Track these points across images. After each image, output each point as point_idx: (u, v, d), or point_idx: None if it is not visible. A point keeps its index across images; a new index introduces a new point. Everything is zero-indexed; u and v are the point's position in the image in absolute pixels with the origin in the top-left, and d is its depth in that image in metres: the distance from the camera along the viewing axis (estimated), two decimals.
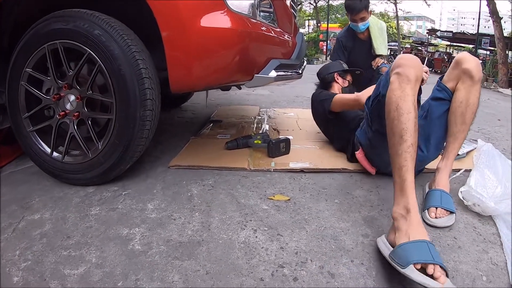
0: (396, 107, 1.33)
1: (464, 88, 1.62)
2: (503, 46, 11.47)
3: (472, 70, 1.60)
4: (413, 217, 1.18)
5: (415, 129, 1.30)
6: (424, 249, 1.06)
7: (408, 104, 1.32)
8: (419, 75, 1.39)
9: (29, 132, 1.74)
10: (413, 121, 1.30)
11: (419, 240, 1.09)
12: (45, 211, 1.46)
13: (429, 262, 1.01)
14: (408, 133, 1.28)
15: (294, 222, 1.41)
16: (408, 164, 1.26)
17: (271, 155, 2.12)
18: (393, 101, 1.35)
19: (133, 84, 1.52)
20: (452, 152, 1.66)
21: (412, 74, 1.37)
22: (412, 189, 1.24)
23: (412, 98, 1.34)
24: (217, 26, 1.56)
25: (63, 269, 1.11)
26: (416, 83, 1.38)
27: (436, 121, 1.71)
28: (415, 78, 1.37)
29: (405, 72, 1.37)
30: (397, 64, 1.43)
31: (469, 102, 1.62)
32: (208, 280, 1.07)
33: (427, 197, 1.57)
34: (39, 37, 1.63)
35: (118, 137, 1.58)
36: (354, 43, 3.43)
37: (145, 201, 1.56)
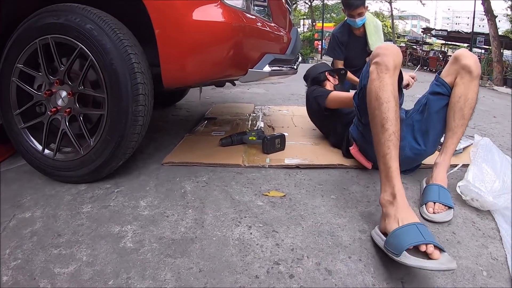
0: (376, 97, 1.35)
1: (463, 83, 1.63)
2: (497, 45, 11.53)
3: (471, 65, 1.61)
4: (400, 201, 1.20)
5: (396, 117, 1.31)
6: (414, 231, 1.07)
7: (387, 93, 1.33)
8: (398, 62, 1.39)
9: (20, 129, 1.71)
10: (393, 110, 1.31)
11: (408, 224, 1.11)
12: (36, 209, 1.44)
13: (421, 243, 1.02)
14: (389, 122, 1.30)
15: (289, 218, 1.39)
16: (392, 152, 1.28)
17: (266, 151, 2.10)
18: (373, 91, 1.37)
19: (125, 79, 1.49)
20: (450, 147, 1.65)
21: (391, 62, 1.37)
22: (398, 175, 1.26)
23: (391, 87, 1.34)
24: (211, 19, 1.54)
25: (53, 267, 1.09)
26: (395, 71, 1.38)
27: (435, 116, 1.71)
28: (394, 66, 1.37)
29: (383, 61, 1.38)
30: (375, 53, 1.44)
31: (468, 97, 1.62)
32: (202, 278, 1.05)
33: (424, 192, 1.56)
34: (31, 32, 1.60)
35: (110, 133, 1.56)
36: (349, 39, 3.42)
37: (137, 198, 1.53)
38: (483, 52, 17.07)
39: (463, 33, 19.02)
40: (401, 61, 1.42)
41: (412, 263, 0.99)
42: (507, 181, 1.51)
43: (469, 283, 1.07)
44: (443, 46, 24.02)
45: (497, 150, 1.67)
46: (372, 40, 3.37)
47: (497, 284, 1.07)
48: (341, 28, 3.48)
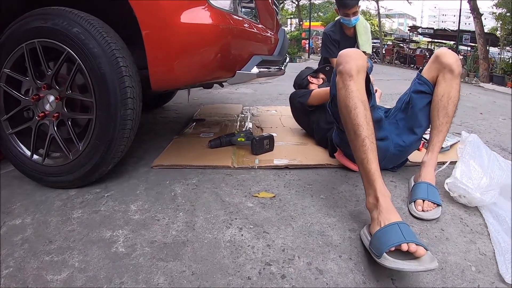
0: (344, 106, 1.37)
1: (445, 81, 1.66)
2: (483, 42, 11.66)
3: (452, 64, 1.64)
4: (382, 203, 1.21)
5: (366, 121, 1.32)
6: (395, 231, 1.09)
7: (353, 100, 1.34)
8: (361, 66, 1.39)
9: (8, 135, 1.69)
10: (362, 115, 1.32)
11: (389, 224, 1.12)
12: (27, 216, 1.42)
13: (401, 243, 1.03)
14: (360, 128, 1.31)
15: (280, 219, 1.40)
16: (368, 156, 1.29)
17: (255, 152, 2.11)
18: (341, 100, 1.39)
19: (113, 83, 1.49)
20: (436, 145, 1.68)
21: (353, 68, 1.37)
22: (378, 178, 1.28)
23: (356, 93, 1.35)
24: (198, 22, 1.54)
25: (46, 274, 1.08)
26: (359, 76, 1.38)
27: (418, 113, 1.73)
28: (357, 71, 1.37)
29: (345, 69, 1.38)
30: (338, 62, 1.44)
31: (451, 95, 1.65)
32: (194, 281, 1.05)
33: (413, 190, 1.58)
34: (17, 36, 1.59)
35: (99, 138, 1.55)
36: (341, 38, 3.45)
37: (128, 202, 1.53)
38: (469, 49, 17.26)
39: (449, 31, 19.23)
40: (364, 64, 1.41)
41: (391, 265, 1.01)
42: (494, 177, 1.53)
43: (458, 278, 1.08)
44: (430, 44, 24.21)
45: (485, 147, 1.70)
46: (362, 40, 3.40)
47: (486, 279, 1.08)
48: (333, 27, 3.50)
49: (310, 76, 2.65)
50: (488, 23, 15.01)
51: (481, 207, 1.51)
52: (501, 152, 2.44)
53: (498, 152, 2.37)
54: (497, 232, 1.32)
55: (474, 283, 1.07)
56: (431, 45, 23.93)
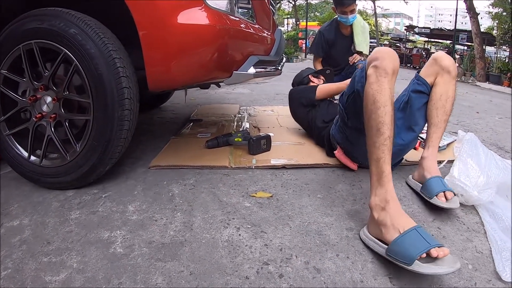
0: (373, 101, 1.34)
1: (443, 82, 1.70)
2: (480, 42, 11.70)
3: (450, 66, 1.71)
4: (393, 207, 1.20)
5: (391, 122, 1.31)
6: (417, 237, 1.08)
7: (385, 97, 1.33)
8: (396, 68, 1.39)
9: (5, 136, 1.69)
10: (390, 114, 1.31)
11: (408, 231, 1.11)
12: (24, 217, 1.42)
13: (430, 248, 1.03)
14: (385, 126, 1.30)
15: (277, 219, 1.41)
16: (386, 156, 1.28)
17: (252, 152, 2.11)
18: (370, 94, 1.36)
19: (111, 84, 1.49)
20: (436, 141, 1.70)
21: (389, 66, 1.37)
22: (390, 180, 1.26)
23: (389, 92, 1.34)
24: (195, 22, 1.54)
25: (44, 276, 1.08)
26: (393, 76, 1.38)
27: (416, 113, 1.75)
28: (392, 71, 1.37)
29: (382, 65, 1.37)
30: (374, 57, 1.43)
31: (449, 94, 1.69)
32: (193, 281, 1.05)
33: (428, 185, 1.57)
34: (14, 37, 1.59)
35: (96, 139, 1.55)
36: (336, 38, 3.46)
37: (125, 203, 1.53)
38: (465, 49, 17.30)
39: (445, 31, 19.27)
40: (398, 67, 1.41)
41: (426, 271, 1.01)
42: (491, 176, 1.54)
43: (455, 276, 1.09)
44: (426, 43, 24.27)
45: (482, 145, 1.72)
46: (358, 39, 3.41)
47: (483, 277, 1.09)
48: (328, 26, 3.52)
49: (311, 76, 2.68)
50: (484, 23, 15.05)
51: (478, 205, 1.52)
52: (497, 150, 2.45)
53: (495, 150, 2.38)
54: (493, 230, 1.33)
55: (471, 281, 1.08)
56: (427, 44, 23.99)
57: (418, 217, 1.45)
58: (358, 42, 3.42)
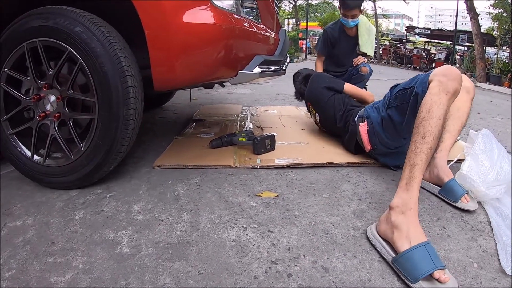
0: (429, 110, 1.37)
1: (462, 99, 1.75)
2: (480, 42, 11.69)
3: (470, 88, 1.85)
4: (413, 216, 1.20)
5: (438, 136, 1.34)
6: (426, 257, 1.07)
7: (440, 111, 1.36)
8: (458, 91, 1.43)
9: (8, 135, 1.68)
10: (439, 128, 1.34)
11: (418, 246, 1.10)
12: (28, 217, 1.41)
13: (434, 270, 1.03)
14: (431, 137, 1.31)
15: (284, 218, 1.40)
16: (422, 164, 1.28)
17: (257, 152, 2.11)
18: (428, 103, 1.39)
19: (116, 83, 1.48)
20: (449, 146, 1.78)
21: (453, 87, 1.40)
22: (418, 189, 1.26)
23: (445, 108, 1.37)
24: (201, 22, 1.54)
25: (49, 276, 1.07)
26: (453, 97, 1.42)
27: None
28: (454, 92, 1.41)
29: (447, 83, 1.41)
30: (442, 72, 1.46)
31: (465, 110, 1.84)
32: (201, 281, 1.05)
33: (448, 189, 1.59)
34: (18, 36, 1.58)
35: (101, 138, 1.54)
36: (340, 37, 3.45)
37: (130, 203, 1.52)
38: (466, 49, 17.29)
39: (446, 31, 19.28)
40: (459, 91, 1.45)
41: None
42: (501, 173, 1.54)
43: (461, 275, 1.09)
44: (427, 44, 24.27)
45: (496, 142, 1.71)
46: (362, 41, 3.40)
47: (488, 275, 1.09)
48: (333, 25, 3.51)
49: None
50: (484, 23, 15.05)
51: (485, 203, 1.53)
52: None
53: None
54: (499, 227, 1.34)
55: (476, 279, 1.08)
56: (428, 45, 23.98)
57: (423, 216, 1.45)
58: (363, 43, 3.41)
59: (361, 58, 3.44)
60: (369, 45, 3.44)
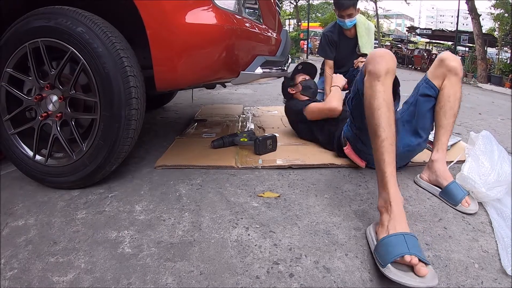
0: (369, 105, 1.38)
1: (450, 84, 1.72)
2: (481, 43, 11.70)
3: (457, 67, 1.71)
4: (394, 209, 1.20)
5: (388, 123, 1.32)
6: (400, 242, 1.07)
7: (378, 101, 1.35)
8: (390, 68, 1.41)
9: (10, 135, 1.68)
10: (385, 116, 1.32)
11: (395, 234, 1.11)
12: (29, 217, 1.42)
13: (404, 254, 1.03)
14: (380, 129, 1.31)
15: (285, 219, 1.40)
16: (385, 158, 1.28)
17: (258, 152, 2.11)
18: (366, 99, 1.40)
19: (118, 83, 1.48)
20: (445, 143, 1.74)
21: (382, 69, 1.39)
22: (392, 181, 1.26)
23: (382, 95, 1.36)
24: (203, 22, 1.54)
25: (51, 276, 1.07)
26: (387, 76, 1.39)
27: (423, 117, 1.78)
28: (385, 72, 1.39)
29: (374, 69, 1.40)
30: (368, 61, 1.46)
31: (456, 96, 1.72)
32: (203, 281, 1.05)
33: (449, 192, 1.59)
34: (20, 36, 1.58)
35: (103, 138, 1.54)
36: (340, 39, 3.40)
37: (132, 203, 1.52)
38: (467, 50, 17.30)
39: (447, 32, 19.27)
40: (394, 66, 1.42)
41: (393, 277, 1.00)
42: (502, 174, 1.54)
43: (462, 275, 1.09)
44: (428, 44, 24.27)
45: (497, 143, 1.71)
46: (362, 42, 3.36)
47: (489, 276, 1.09)
48: (332, 28, 3.45)
49: (289, 89, 2.65)
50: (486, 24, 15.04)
51: (486, 204, 1.53)
52: None
53: None
54: (500, 228, 1.34)
55: (477, 279, 1.08)
56: (429, 45, 23.98)
57: (425, 217, 1.44)
58: (363, 44, 3.37)
59: (362, 59, 3.42)
60: (369, 45, 3.41)
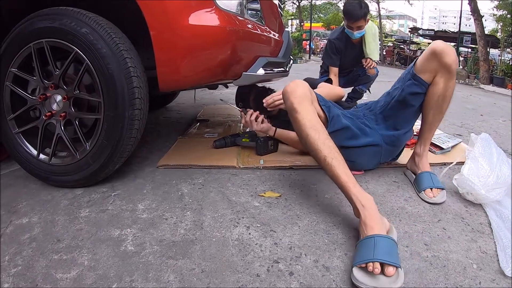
0: (300, 136, 1.50)
1: (442, 82, 1.63)
2: (484, 44, 11.68)
3: (452, 64, 1.58)
4: (363, 212, 1.24)
5: (322, 143, 1.40)
6: (368, 247, 1.10)
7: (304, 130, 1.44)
8: (302, 95, 1.49)
9: (14, 134, 1.70)
10: (315, 139, 1.41)
11: (367, 237, 1.14)
12: (33, 215, 1.43)
13: (367, 261, 1.05)
14: (317, 151, 1.41)
15: (286, 218, 1.42)
16: (334, 172, 1.36)
17: (259, 153, 2.12)
18: (296, 132, 1.53)
19: (122, 83, 1.50)
20: (428, 139, 1.80)
21: (294, 101, 1.48)
22: (352, 187, 1.31)
23: (304, 122, 1.45)
24: (206, 24, 1.56)
25: (55, 273, 1.09)
26: (302, 104, 1.48)
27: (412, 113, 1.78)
28: (299, 102, 1.48)
29: (288, 105, 1.51)
30: (283, 99, 1.57)
31: (446, 95, 1.66)
32: (204, 278, 1.06)
33: (419, 180, 1.70)
34: (25, 36, 1.60)
35: (106, 138, 1.56)
36: (346, 46, 3.38)
37: (135, 202, 1.54)
38: (469, 51, 17.25)
39: (450, 33, 19.21)
40: (304, 91, 1.51)
41: (354, 281, 1.03)
42: (501, 176, 1.55)
43: (460, 275, 1.10)
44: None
45: (495, 145, 1.71)
46: (370, 49, 3.33)
47: (487, 276, 1.10)
48: (339, 35, 3.40)
49: (240, 111, 2.42)
50: (488, 25, 15.01)
51: (486, 205, 1.54)
52: None
53: None
54: (499, 229, 1.35)
55: (475, 280, 1.09)
56: None
57: (424, 217, 1.45)
58: (371, 51, 3.32)
59: (370, 61, 3.40)
60: (376, 51, 3.38)
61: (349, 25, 3.16)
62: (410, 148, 2.26)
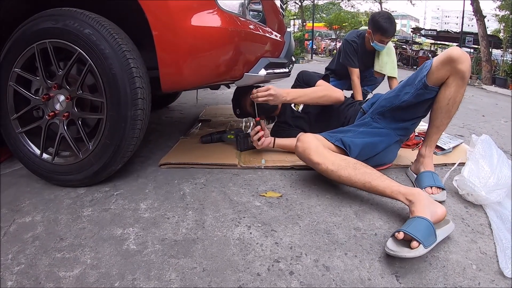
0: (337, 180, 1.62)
1: (454, 87, 1.63)
2: (486, 44, 11.64)
3: (465, 72, 1.59)
4: (415, 199, 1.35)
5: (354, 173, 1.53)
6: (409, 224, 1.22)
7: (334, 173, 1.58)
8: (313, 147, 1.64)
9: (18, 134, 1.71)
10: (346, 174, 1.54)
11: (413, 218, 1.26)
12: (36, 214, 1.45)
13: (398, 231, 1.18)
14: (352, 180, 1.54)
15: (287, 218, 1.43)
16: (372, 181, 1.48)
17: (240, 148, 2.16)
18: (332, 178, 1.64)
19: (124, 83, 1.51)
20: (434, 141, 1.82)
21: (313, 159, 1.63)
22: (395, 188, 1.43)
23: (324, 167, 1.59)
24: (208, 25, 1.57)
25: (58, 271, 1.10)
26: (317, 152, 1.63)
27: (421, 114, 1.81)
28: (317, 159, 1.62)
29: (311, 162, 1.66)
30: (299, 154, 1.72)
31: (456, 100, 1.66)
32: (205, 277, 1.07)
33: (420, 178, 1.73)
34: (28, 37, 1.61)
35: (109, 137, 1.57)
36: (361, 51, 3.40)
37: (137, 201, 1.55)
38: (472, 51, 17.19)
39: (452, 33, 19.15)
40: (314, 142, 1.66)
41: (387, 244, 1.17)
42: (502, 177, 1.56)
43: (460, 276, 1.11)
44: (433, 45, 24.17)
45: (496, 147, 1.72)
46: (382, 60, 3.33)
47: (486, 277, 1.11)
48: (357, 38, 3.41)
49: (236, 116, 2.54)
50: (491, 25, 14.98)
51: (486, 206, 1.54)
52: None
53: None
54: (499, 230, 1.36)
55: (475, 280, 1.09)
56: (434, 46, 23.88)
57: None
58: (383, 63, 3.33)
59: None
60: (390, 65, 3.36)
61: (382, 40, 3.18)
62: (411, 149, 2.28)
